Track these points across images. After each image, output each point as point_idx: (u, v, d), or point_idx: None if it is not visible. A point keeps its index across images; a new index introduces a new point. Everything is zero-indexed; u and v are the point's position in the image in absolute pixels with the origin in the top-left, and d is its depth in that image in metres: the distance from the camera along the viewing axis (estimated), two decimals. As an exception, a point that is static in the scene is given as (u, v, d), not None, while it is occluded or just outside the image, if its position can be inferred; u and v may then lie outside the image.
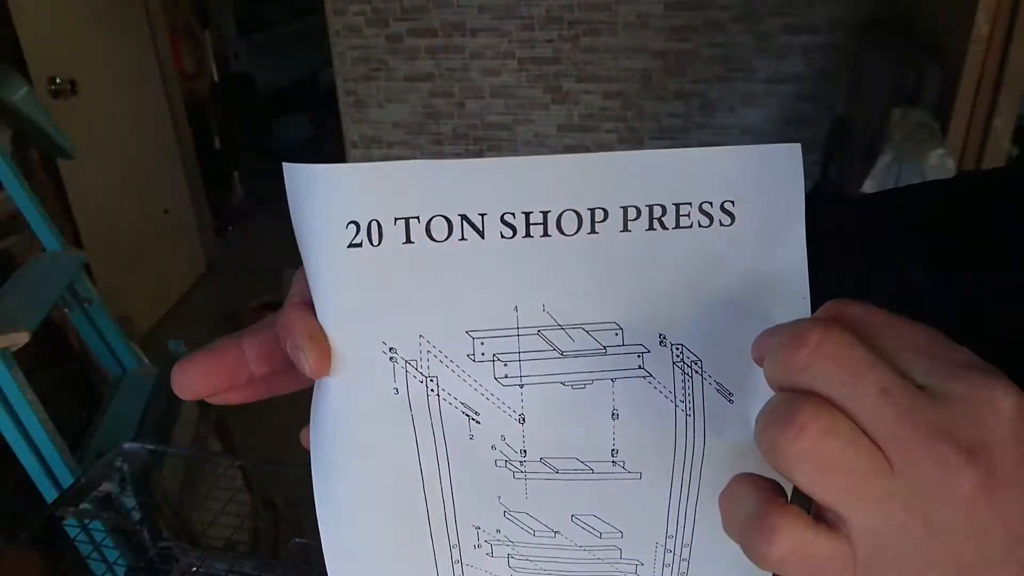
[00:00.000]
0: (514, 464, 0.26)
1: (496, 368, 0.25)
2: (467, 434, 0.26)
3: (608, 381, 0.25)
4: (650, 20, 2.33)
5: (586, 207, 0.24)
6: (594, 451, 0.26)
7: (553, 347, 0.25)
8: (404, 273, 0.25)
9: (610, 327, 0.25)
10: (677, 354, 0.25)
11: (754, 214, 0.24)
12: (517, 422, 0.26)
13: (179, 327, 2.70)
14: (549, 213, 0.24)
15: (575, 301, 0.25)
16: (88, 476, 0.88)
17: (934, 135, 1.48)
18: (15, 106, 1.33)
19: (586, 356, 0.25)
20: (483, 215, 0.24)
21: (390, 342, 0.25)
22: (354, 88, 2.70)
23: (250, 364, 0.28)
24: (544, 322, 0.25)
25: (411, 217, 0.24)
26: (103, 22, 2.49)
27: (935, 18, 1.65)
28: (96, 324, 1.38)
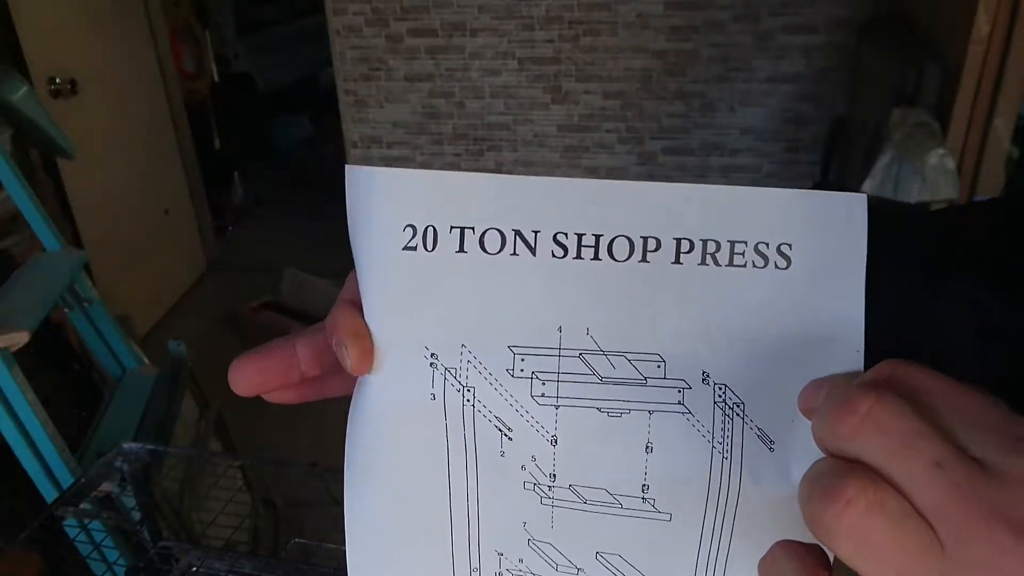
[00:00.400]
0: (542, 488, 0.26)
1: (534, 386, 0.25)
2: (498, 450, 0.26)
3: (645, 413, 0.25)
4: (650, 20, 2.34)
5: (639, 235, 0.24)
6: (624, 484, 0.26)
7: (593, 371, 0.25)
8: (453, 281, 0.25)
9: (652, 358, 0.25)
10: (719, 394, 0.25)
11: (811, 259, 0.24)
12: (549, 443, 0.26)
13: (179, 327, 2.70)
14: (602, 237, 0.24)
15: (619, 328, 0.25)
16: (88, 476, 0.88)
17: (934, 135, 1.48)
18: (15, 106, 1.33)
19: (625, 385, 0.25)
20: (536, 232, 0.25)
21: (432, 348, 0.26)
22: (354, 88, 2.70)
23: (302, 364, 0.29)
24: (586, 345, 0.25)
25: (467, 227, 0.25)
26: (103, 22, 2.49)
27: (935, 18, 1.65)
28: (96, 324, 1.38)
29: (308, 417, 2.21)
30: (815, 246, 0.24)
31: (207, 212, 3.23)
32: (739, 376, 0.24)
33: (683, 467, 0.25)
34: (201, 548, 0.84)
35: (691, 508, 0.25)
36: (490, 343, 0.25)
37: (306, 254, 3.29)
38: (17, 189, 1.29)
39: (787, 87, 2.27)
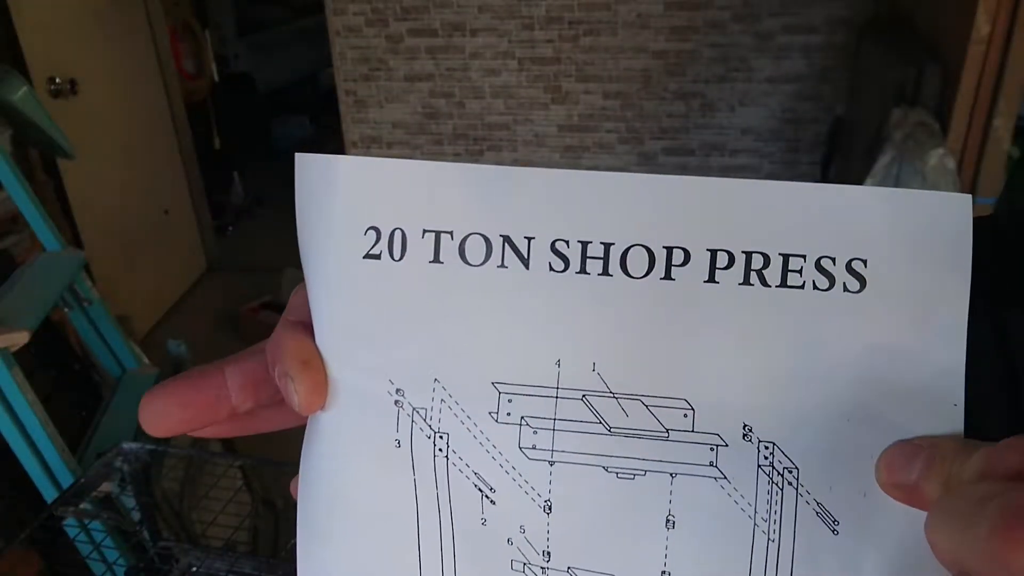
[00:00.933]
0: (534, 570, 0.21)
1: (523, 435, 0.20)
2: (479, 516, 0.21)
3: (666, 476, 0.20)
4: (650, 20, 2.34)
5: (661, 244, 0.19)
6: (639, 569, 0.20)
7: (600, 419, 0.20)
8: (426, 298, 0.20)
9: (678, 405, 0.20)
10: (765, 455, 0.19)
11: (895, 281, 0.18)
12: (542, 511, 0.20)
13: (179, 327, 2.70)
14: (612, 246, 0.19)
15: (635, 364, 0.20)
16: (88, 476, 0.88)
17: (934, 135, 1.48)
18: (15, 106, 1.33)
19: (641, 438, 0.20)
20: (530, 239, 0.20)
21: (398, 382, 0.21)
22: (354, 88, 2.70)
23: (232, 396, 0.23)
24: (592, 386, 0.20)
25: (443, 231, 0.20)
26: (103, 22, 2.49)
27: (935, 18, 1.65)
28: (96, 324, 1.37)
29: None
30: (900, 263, 0.18)
31: (207, 212, 3.23)
32: (793, 432, 0.19)
33: (716, 550, 0.20)
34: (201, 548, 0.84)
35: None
36: (469, 378, 0.20)
37: (306, 254, 3.28)
38: (17, 189, 1.29)
39: (787, 87, 2.27)
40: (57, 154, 1.49)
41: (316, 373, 0.21)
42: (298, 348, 0.22)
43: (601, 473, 0.20)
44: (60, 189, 2.23)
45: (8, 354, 1.04)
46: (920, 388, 0.18)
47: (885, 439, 0.18)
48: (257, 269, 3.15)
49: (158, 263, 2.79)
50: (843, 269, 0.19)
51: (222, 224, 3.52)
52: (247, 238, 3.52)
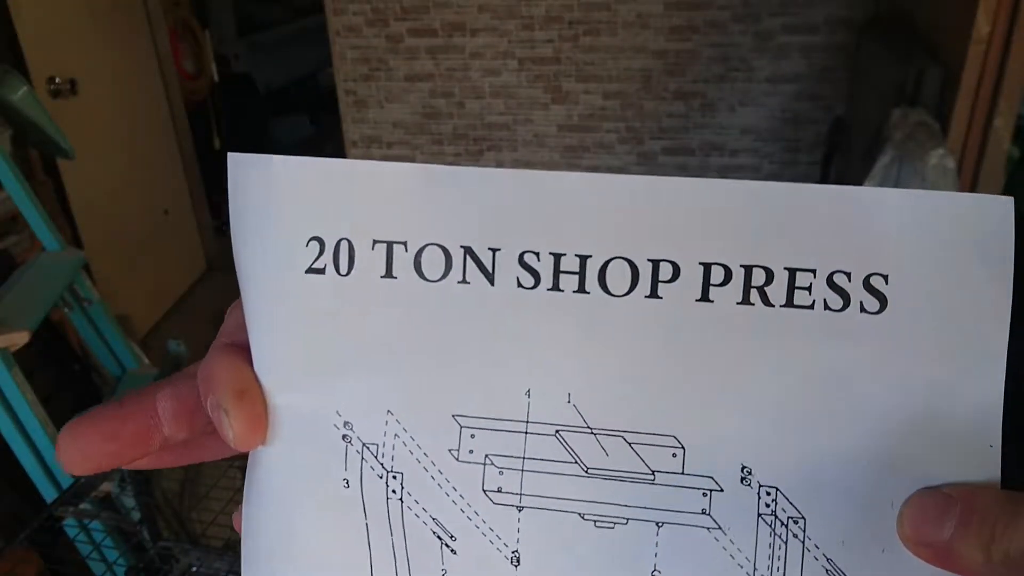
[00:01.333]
0: None
1: (488, 476, 0.18)
2: (439, 568, 0.18)
3: (652, 525, 0.17)
4: (650, 20, 2.34)
5: (646, 257, 0.17)
6: None
7: (575, 459, 0.17)
8: (377, 319, 0.18)
9: (666, 443, 0.17)
10: (767, 502, 0.17)
11: (921, 300, 0.16)
12: (510, 563, 0.18)
13: (179, 327, 2.70)
14: (589, 259, 0.17)
15: (617, 396, 0.17)
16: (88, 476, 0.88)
17: (934, 135, 1.48)
18: (15, 106, 1.33)
19: (624, 481, 0.17)
20: (495, 250, 0.17)
21: (345, 414, 0.18)
22: (354, 88, 2.70)
23: (165, 426, 0.21)
24: (567, 420, 0.17)
25: (396, 241, 0.18)
26: (103, 22, 2.49)
27: (935, 18, 1.65)
28: (96, 324, 1.37)
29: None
30: (927, 279, 0.16)
31: (207, 212, 3.23)
32: (798, 476, 0.16)
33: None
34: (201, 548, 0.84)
35: None
36: (427, 410, 0.18)
37: (306, 254, 3.28)
38: (17, 189, 1.29)
39: (787, 87, 2.27)
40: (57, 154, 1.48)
41: (253, 405, 0.19)
42: (233, 376, 0.19)
43: (577, 521, 0.17)
44: (60, 189, 2.23)
45: (8, 354, 1.04)
46: (950, 425, 0.16)
47: (909, 486, 0.16)
48: (257, 269, 3.15)
49: (158, 263, 2.79)
50: (860, 286, 0.16)
51: (222, 224, 3.52)
52: (247, 238, 3.52)
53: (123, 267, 2.55)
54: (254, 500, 0.20)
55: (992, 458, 0.16)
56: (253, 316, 0.20)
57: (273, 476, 0.19)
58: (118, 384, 1.38)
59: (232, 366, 0.19)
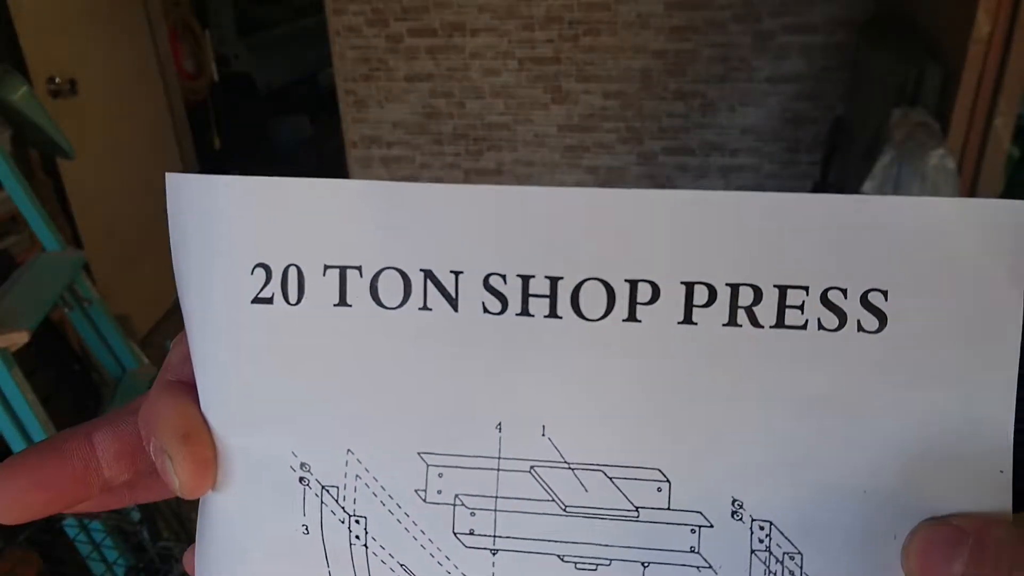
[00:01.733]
0: None
1: (458, 518, 0.16)
2: None
3: (637, 565, 0.16)
4: (650, 20, 2.34)
5: (623, 278, 0.15)
6: None
7: (552, 496, 0.16)
8: (332, 350, 0.17)
9: (650, 476, 0.16)
10: (760, 537, 0.16)
11: (924, 317, 0.15)
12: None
13: (178, 327, 2.69)
14: (561, 281, 0.15)
15: (595, 427, 0.16)
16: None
17: (934, 135, 1.48)
18: (15, 106, 1.33)
19: (605, 519, 0.16)
20: (458, 274, 0.16)
21: (302, 454, 0.17)
22: (354, 88, 2.70)
23: (104, 468, 0.19)
24: (542, 454, 0.16)
25: (349, 266, 0.16)
26: (103, 22, 2.49)
27: (935, 18, 1.65)
28: (96, 324, 1.37)
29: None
30: (931, 294, 0.15)
31: (207, 212, 3.23)
32: (794, 509, 0.15)
33: None
34: (201, 548, 0.84)
35: None
36: (390, 449, 0.16)
37: (306, 254, 3.28)
38: (17, 189, 1.29)
39: (787, 87, 2.27)
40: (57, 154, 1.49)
41: (200, 448, 0.17)
42: (177, 417, 0.18)
43: (556, 563, 0.16)
44: (60, 189, 2.23)
45: (8, 354, 1.04)
46: (957, 452, 0.15)
47: (913, 517, 0.15)
48: (257, 269, 3.15)
49: (158, 263, 2.79)
50: (857, 303, 0.15)
51: (222, 224, 3.52)
52: (247, 238, 3.52)
53: (123, 267, 2.55)
54: (206, 549, 0.18)
55: (1004, 485, 0.15)
56: (198, 351, 0.18)
57: (226, 524, 0.18)
58: (118, 384, 1.38)
59: (176, 406, 0.18)
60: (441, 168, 2.73)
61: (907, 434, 0.15)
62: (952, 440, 0.15)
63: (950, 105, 1.49)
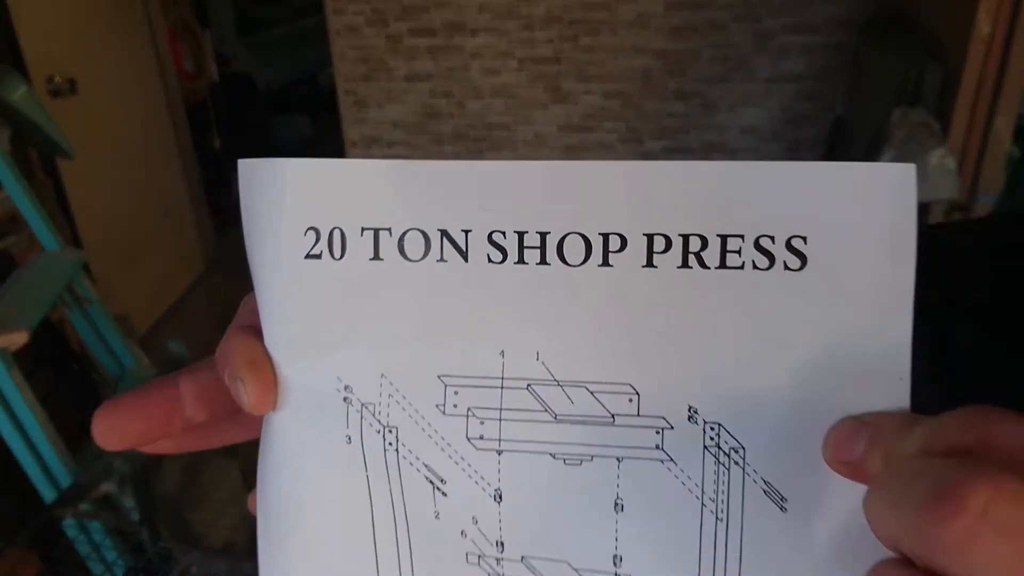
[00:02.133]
0: (489, 562, 0.21)
1: (470, 426, 0.20)
2: (432, 510, 0.21)
3: (613, 460, 0.20)
4: (650, 20, 2.33)
5: (597, 231, 0.19)
6: (591, 554, 0.20)
7: (545, 407, 0.20)
8: (368, 295, 0.21)
9: (623, 390, 0.20)
10: (711, 436, 0.19)
11: (837, 257, 0.18)
12: (493, 500, 0.21)
13: (179, 327, 2.70)
14: (548, 235, 0.19)
15: (578, 352, 0.20)
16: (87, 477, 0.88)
17: (935, 135, 1.47)
18: (14, 106, 1.33)
19: (587, 424, 0.20)
20: (467, 232, 0.20)
21: (345, 379, 0.21)
22: (354, 88, 2.70)
23: (187, 409, 0.23)
24: (536, 374, 0.20)
25: (381, 228, 0.20)
26: (102, 21, 2.49)
27: (935, 17, 1.65)
28: (95, 324, 1.37)
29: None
30: (843, 238, 0.18)
31: (207, 212, 3.23)
32: (738, 412, 0.19)
33: (665, 532, 0.20)
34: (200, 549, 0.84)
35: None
36: (415, 372, 0.21)
37: (306, 254, 3.28)
38: (16, 189, 1.29)
39: (787, 87, 2.27)
40: (57, 154, 1.48)
41: (264, 373, 0.22)
42: (246, 350, 0.22)
43: (548, 460, 0.20)
44: (60, 189, 2.23)
45: (7, 354, 1.04)
46: (866, 364, 0.18)
47: (832, 416, 0.18)
48: (257, 269, 3.15)
49: (158, 263, 2.79)
50: (783, 247, 0.18)
51: (222, 224, 3.52)
52: (247, 238, 3.52)
53: (122, 267, 2.55)
54: (268, 466, 0.23)
55: (902, 390, 0.18)
56: (262, 298, 0.22)
57: (284, 439, 0.22)
58: (117, 384, 1.38)
59: (246, 342, 0.22)
60: (441, 168, 2.72)
61: (826, 352, 0.19)
62: (862, 356, 0.18)
63: (950, 105, 1.49)
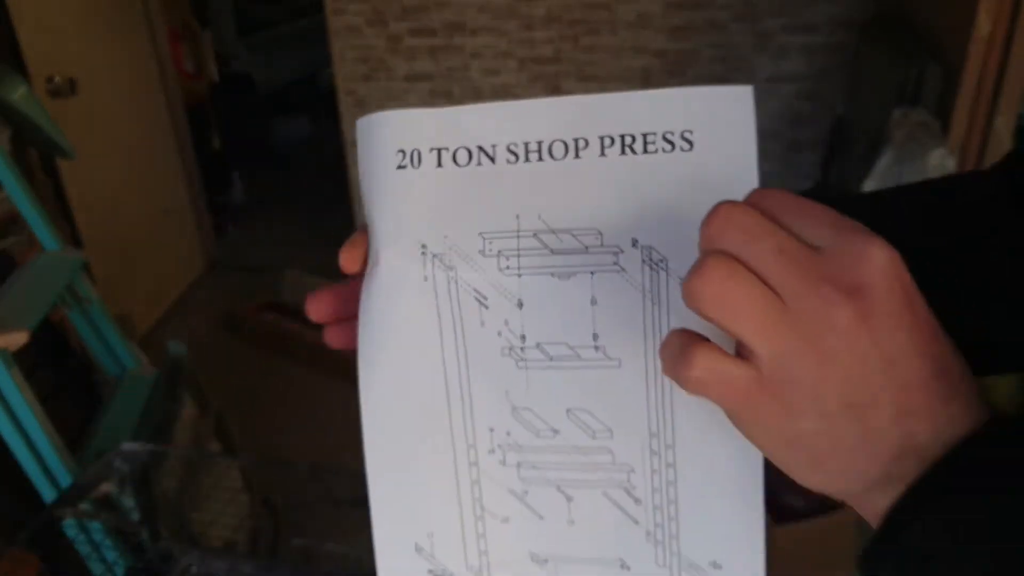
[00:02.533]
0: (516, 352, 0.32)
1: (500, 261, 0.32)
2: (479, 320, 0.32)
3: (588, 274, 0.31)
4: (650, 20, 2.33)
5: (571, 137, 0.31)
6: (578, 334, 0.31)
7: (545, 246, 0.31)
8: (435, 189, 0.32)
9: (591, 231, 0.31)
10: (646, 254, 0.30)
11: (711, 141, 0.30)
12: (516, 307, 0.32)
13: (179, 327, 2.70)
14: (542, 142, 0.31)
15: (563, 210, 0.31)
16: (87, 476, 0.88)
17: (935, 135, 1.47)
18: (14, 106, 1.33)
19: (571, 254, 0.31)
20: (494, 145, 0.32)
21: (423, 240, 0.32)
22: (354, 88, 2.70)
23: (353, 304, 0.34)
24: (539, 227, 0.31)
25: (442, 148, 0.32)
26: (102, 22, 2.48)
27: (936, 18, 1.64)
28: (95, 324, 1.37)
29: (308, 417, 2.20)
30: (713, 130, 0.29)
31: (207, 212, 3.23)
32: (661, 238, 0.30)
33: (623, 314, 0.31)
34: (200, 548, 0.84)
35: (635, 351, 0.31)
36: (465, 232, 0.32)
37: (306, 254, 3.28)
38: (16, 189, 1.29)
39: (787, 87, 2.27)
40: (56, 154, 1.48)
41: (355, 248, 0.34)
42: (353, 238, 0.34)
43: (549, 277, 0.32)
44: (60, 189, 2.23)
45: (8, 354, 1.04)
46: (727, 196, 0.27)
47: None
48: (257, 269, 3.15)
49: (158, 263, 2.79)
50: (679, 137, 0.30)
51: (222, 224, 3.52)
52: (247, 238, 3.52)
53: (123, 267, 2.55)
54: (367, 306, 0.33)
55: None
56: (368, 199, 0.33)
57: (381, 281, 0.33)
58: (118, 384, 1.38)
59: (359, 233, 0.34)
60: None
61: (709, 194, 0.27)
62: (730, 194, 0.26)
63: (950, 105, 1.49)
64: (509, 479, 0.33)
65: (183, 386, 1.38)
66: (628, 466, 0.32)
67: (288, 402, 2.24)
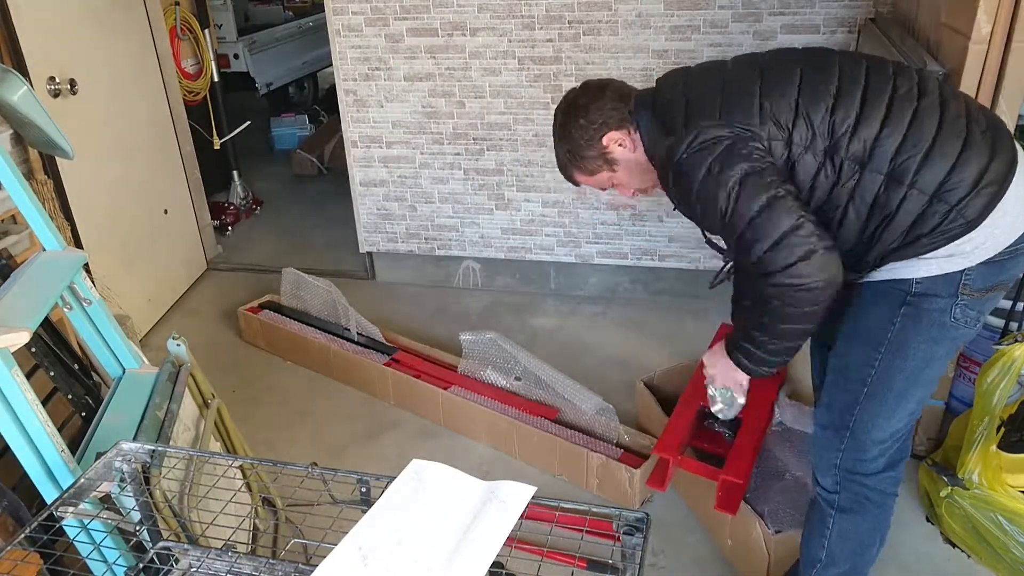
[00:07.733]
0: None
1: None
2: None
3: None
4: (650, 19, 2.34)
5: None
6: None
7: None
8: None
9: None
10: None
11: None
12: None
13: (179, 327, 2.70)
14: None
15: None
16: (88, 476, 0.88)
17: (934, 135, 1.47)
18: (15, 106, 1.33)
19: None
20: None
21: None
22: (354, 88, 2.70)
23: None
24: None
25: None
26: (103, 22, 2.49)
27: (935, 18, 1.65)
28: (96, 324, 1.37)
29: (308, 417, 2.20)
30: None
31: (207, 212, 3.23)
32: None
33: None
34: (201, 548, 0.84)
35: None
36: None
37: (306, 254, 3.28)
38: (17, 189, 1.29)
39: (787, 87, 2.26)
40: (57, 154, 1.48)
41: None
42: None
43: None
44: (60, 189, 2.23)
45: (8, 354, 1.04)
46: None
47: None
48: (256, 269, 3.15)
49: (158, 263, 2.79)
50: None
51: (222, 224, 3.52)
52: (247, 238, 3.52)
53: (123, 267, 2.55)
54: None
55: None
56: None
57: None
58: (118, 384, 1.38)
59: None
60: (441, 168, 2.73)
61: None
62: None
63: (950, 105, 1.49)
64: None
65: (183, 385, 1.38)
66: None
67: (288, 402, 2.24)
